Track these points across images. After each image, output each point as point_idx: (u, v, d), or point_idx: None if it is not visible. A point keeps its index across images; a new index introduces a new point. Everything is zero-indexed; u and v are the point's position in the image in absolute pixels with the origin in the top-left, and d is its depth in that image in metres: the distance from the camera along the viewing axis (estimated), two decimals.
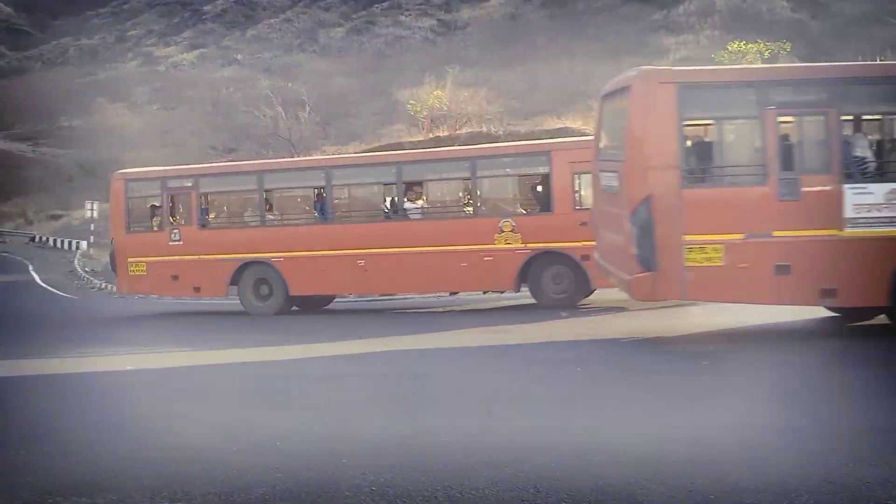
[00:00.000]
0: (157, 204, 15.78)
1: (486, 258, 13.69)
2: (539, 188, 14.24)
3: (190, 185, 15.52)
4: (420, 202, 14.59)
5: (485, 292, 14.88)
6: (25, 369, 10.57)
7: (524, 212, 14.23)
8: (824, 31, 30.56)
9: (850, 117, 9.69)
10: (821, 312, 10.69)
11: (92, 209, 31.75)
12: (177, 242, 15.25)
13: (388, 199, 15.04)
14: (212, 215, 16.08)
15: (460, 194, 14.82)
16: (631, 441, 6.12)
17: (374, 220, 14.84)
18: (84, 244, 33.71)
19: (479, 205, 14.31)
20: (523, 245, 13.53)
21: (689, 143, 9.51)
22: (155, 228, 15.74)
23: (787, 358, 9.07)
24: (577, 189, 13.48)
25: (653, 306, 12.30)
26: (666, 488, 5.05)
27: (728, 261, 9.00)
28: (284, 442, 6.57)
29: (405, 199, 14.51)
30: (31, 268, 31.08)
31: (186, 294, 16.10)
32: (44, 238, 39.67)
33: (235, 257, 14.90)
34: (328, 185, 14.85)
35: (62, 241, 37.22)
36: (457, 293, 15.35)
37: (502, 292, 14.52)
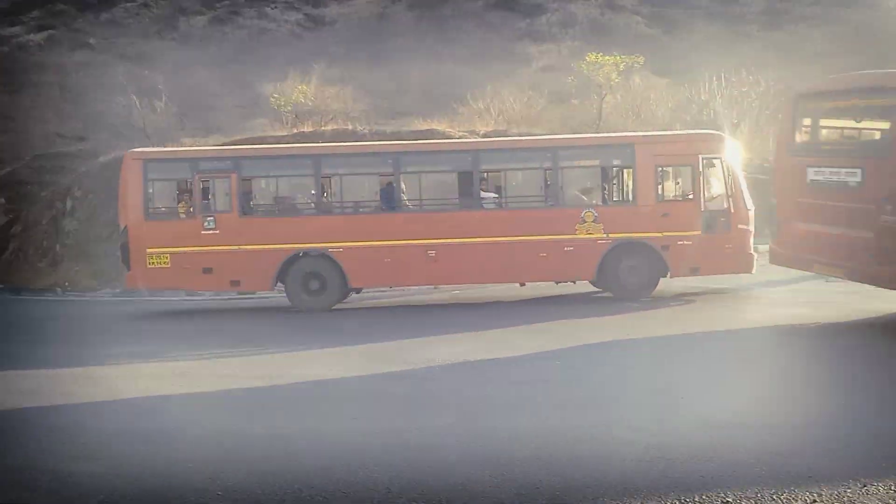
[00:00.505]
0: (186, 188, 14.13)
1: (566, 248, 13.65)
2: (622, 179, 14.39)
3: (229, 167, 14.03)
4: (490, 192, 14.28)
5: (557, 283, 14.52)
6: None
7: (607, 202, 14.25)
8: (676, 48, 32.19)
9: None
10: None
11: None
12: (212, 231, 13.73)
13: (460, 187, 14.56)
14: (256, 202, 14.64)
15: (541, 184, 14.58)
16: (483, 440, 6.22)
17: (448, 209, 14.31)
18: None
19: (561, 195, 14.12)
20: (605, 235, 13.64)
21: None
22: (182, 215, 14.04)
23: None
24: (659, 181, 13.80)
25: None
26: (515, 486, 5.16)
27: None
28: (126, 446, 6.27)
29: (482, 189, 14.13)
30: None
31: (221, 288, 14.59)
32: None
33: (285, 247, 13.73)
34: (397, 172, 14.12)
35: None
36: (524, 284, 14.70)
37: (574, 282, 14.47)
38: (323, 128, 24.30)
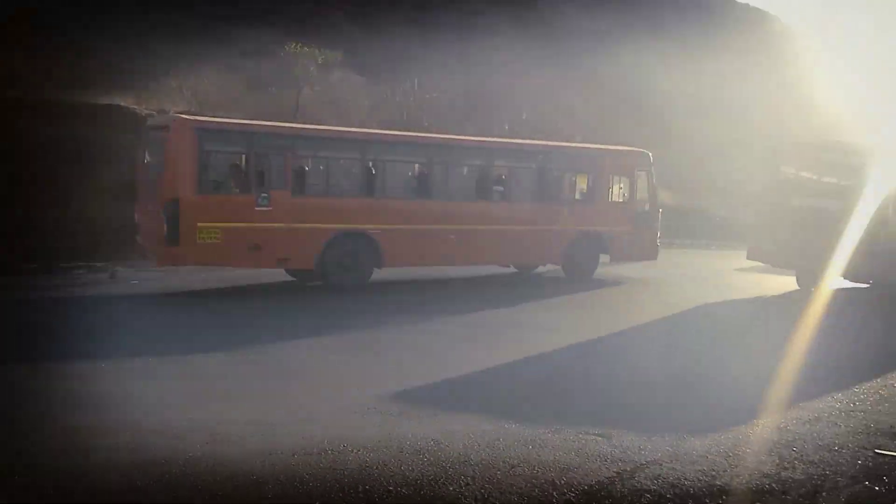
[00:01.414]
0: (240, 162, 13.98)
1: (547, 237, 16.36)
2: (586, 182, 17.36)
3: (288, 144, 14.01)
4: (499, 187, 16.27)
5: (530, 266, 17.67)
6: None
7: (575, 200, 17.29)
8: (375, 48, 33.05)
9: None
10: None
11: None
12: (265, 208, 13.45)
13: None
14: (309, 180, 14.61)
15: (535, 182, 16.68)
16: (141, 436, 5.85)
17: (468, 198, 15.97)
18: None
19: (548, 192, 16.71)
20: (573, 227, 16.55)
21: None
22: (236, 190, 13.67)
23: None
24: (609, 185, 17.20)
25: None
26: (170, 488, 4.90)
27: None
28: None
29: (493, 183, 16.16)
30: None
31: (267, 266, 14.32)
32: None
33: (332, 227, 14.15)
34: (430, 162, 15.53)
35: None
36: (508, 266, 17.40)
37: (545, 265, 17.66)
38: None
